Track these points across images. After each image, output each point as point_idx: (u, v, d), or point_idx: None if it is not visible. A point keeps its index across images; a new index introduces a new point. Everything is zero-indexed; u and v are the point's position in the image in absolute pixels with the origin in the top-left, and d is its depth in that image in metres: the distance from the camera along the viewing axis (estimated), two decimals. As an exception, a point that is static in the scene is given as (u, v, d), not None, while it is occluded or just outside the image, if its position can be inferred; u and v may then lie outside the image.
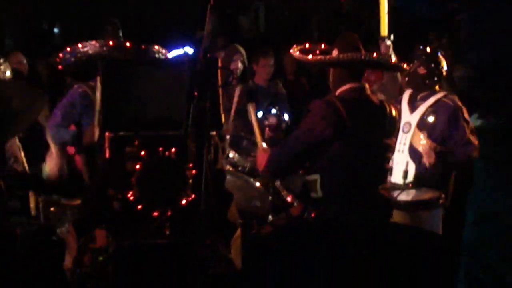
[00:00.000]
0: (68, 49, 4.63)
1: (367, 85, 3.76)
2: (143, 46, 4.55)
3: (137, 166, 3.26)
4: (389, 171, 3.97)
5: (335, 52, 3.68)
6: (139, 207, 3.23)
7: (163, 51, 4.57)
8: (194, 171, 3.27)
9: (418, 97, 4.60)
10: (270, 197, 4.57)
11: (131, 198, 3.24)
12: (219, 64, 3.32)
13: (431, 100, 4.54)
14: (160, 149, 3.32)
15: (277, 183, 4.56)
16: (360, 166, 3.63)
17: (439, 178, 4.44)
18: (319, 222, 3.65)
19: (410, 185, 4.37)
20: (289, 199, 4.47)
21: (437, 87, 4.62)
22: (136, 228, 3.22)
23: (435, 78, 4.59)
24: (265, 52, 6.56)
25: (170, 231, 3.28)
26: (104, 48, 4.59)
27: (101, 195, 3.30)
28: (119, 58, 4.59)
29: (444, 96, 4.57)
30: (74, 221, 3.45)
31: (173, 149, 3.34)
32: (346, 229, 3.59)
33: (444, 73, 4.64)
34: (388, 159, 3.81)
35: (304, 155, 3.66)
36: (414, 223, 4.11)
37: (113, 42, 4.63)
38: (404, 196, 4.22)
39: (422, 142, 4.42)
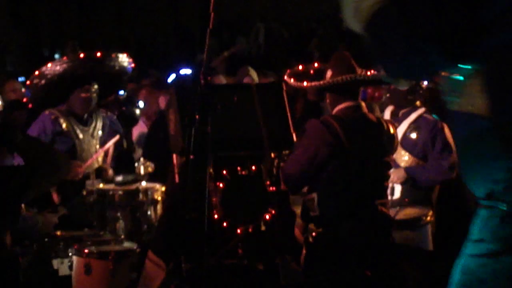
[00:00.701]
0: (37, 72, 4.51)
1: (363, 103, 3.75)
2: (113, 55, 4.65)
3: (220, 185, 3.26)
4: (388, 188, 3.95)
5: (329, 74, 3.68)
6: (224, 224, 3.21)
7: (130, 60, 4.71)
8: (272, 188, 3.30)
9: (400, 113, 4.58)
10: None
11: (215, 217, 3.23)
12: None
13: (413, 116, 4.52)
14: (238, 168, 3.31)
15: None
16: (358, 184, 3.60)
17: (425, 194, 4.42)
18: (319, 242, 3.62)
19: (406, 200, 4.34)
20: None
21: (418, 103, 4.61)
22: (211, 250, 3.18)
23: (416, 94, 4.58)
24: (265, 73, 6.58)
25: (243, 250, 3.26)
26: (76, 62, 4.52)
27: (176, 220, 3.26)
28: (92, 69, 4.56)
29: (425, 112, 4.57)
30: (155, 251, 3.41)
31: (253, 167, 3.36)
32: (346, 248, 3.57)
33: (425, 89, 4.63)
34: (387, 176, 3.79)
35: (307, 173, 3.65)
36: (402, 242, 4.10)
37: (83, 54, 4.58)
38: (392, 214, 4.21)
39: (404, 159, 4.42)
